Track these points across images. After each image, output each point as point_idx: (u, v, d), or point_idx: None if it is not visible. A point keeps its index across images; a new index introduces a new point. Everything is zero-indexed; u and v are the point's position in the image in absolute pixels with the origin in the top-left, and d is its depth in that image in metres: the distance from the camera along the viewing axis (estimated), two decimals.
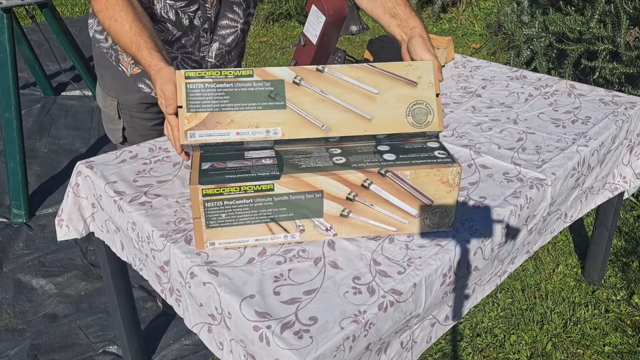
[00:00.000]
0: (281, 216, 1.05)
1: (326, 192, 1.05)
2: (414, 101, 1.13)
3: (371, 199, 1.06)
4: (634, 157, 1.67)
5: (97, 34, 1.53)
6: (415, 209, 1.09)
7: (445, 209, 1.10)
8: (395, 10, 1.34)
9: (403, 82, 1.13)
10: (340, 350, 0.90)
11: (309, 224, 1.07)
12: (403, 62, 1.23)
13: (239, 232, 1.06)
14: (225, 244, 1.07)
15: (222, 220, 1.04)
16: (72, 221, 1.39)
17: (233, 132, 1.08)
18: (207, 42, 1.52)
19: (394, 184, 1.06)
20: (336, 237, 1.09)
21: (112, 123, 1.62)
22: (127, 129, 1.61)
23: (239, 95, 1.09)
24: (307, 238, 1.09)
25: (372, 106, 1.11)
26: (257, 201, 1.04)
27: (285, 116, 1.09)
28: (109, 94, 1.57)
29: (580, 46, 2.83)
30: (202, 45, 1.51)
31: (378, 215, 1.08)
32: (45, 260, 2.28)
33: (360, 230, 1.09)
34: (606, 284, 2.09)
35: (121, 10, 1.22)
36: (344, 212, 1.07)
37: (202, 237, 1.06)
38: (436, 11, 4.86)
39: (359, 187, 1.05)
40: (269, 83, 1.10)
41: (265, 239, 1.07)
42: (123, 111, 1.58)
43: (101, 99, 1.61)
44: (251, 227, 1.06)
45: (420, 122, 1.13)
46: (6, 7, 2.40)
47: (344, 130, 1.10)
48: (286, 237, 1.08)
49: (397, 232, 1.11)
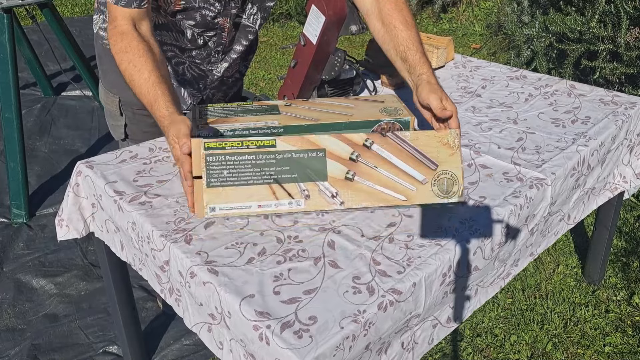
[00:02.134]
0: (284, 177, 1.04)
1: (329, 151, 1.05)
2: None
3: (375, 161, 1.07)
4: (634, 157, 1.67)
5: (102, 31, 1.52)
6: (421, 173, 1.09)
7: (451, 175, 1.10)
8: (405, 55, 1.31)
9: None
10: (340, 350, 0.90)
11: (314, 188, 1.05)
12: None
13: (241, 194, 1.02)
14: (227, 209, 1.03)
15: (224, 178, 1.02)
16: (72, 221, 1.39)
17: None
18: (217, 60, 1.52)
19: (395, 144, 1.07)
20: (343, 205, 1.06)
21: (114, 119, 1.62)
22: (129, 126, 1.60)
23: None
24: (313, 206, 1.06)
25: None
26: (259, 158, 1.03)
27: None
28: (111, 90, 1.57)
29: (580, 46, 2.83)
30: (211, 63, 1.52)
31: (383, 179, 1.08)
32: (45, 260, 2.28)
33: (367, 197, 1.07)
34: (606, 284, 2.09)
35: (141, 56, 1.20)
36: (348, 175, 1.07)
37: (203, 201, 1.04)
38: (436, 11, 4.86)
39: (361, 146, 1.07)
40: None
41: (269, 205, 1.04)
42: (125, 108, 1.57)
43: (103, 96, 1.61)
44: (254, 188, 1.03)
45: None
46: (6, 7, 2.40)
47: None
48: (291, 203, 1.05)
49: (407, 202, 1.08)
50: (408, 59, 1.30)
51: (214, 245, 1.08)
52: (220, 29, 1.44)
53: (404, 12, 1.35)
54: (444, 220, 1.15)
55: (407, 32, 1.33)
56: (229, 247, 1.08)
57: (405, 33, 1.32)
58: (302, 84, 1.44)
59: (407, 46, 1.31)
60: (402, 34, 1.32)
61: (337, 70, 1.47)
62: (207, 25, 1.42)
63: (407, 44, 1.31)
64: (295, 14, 5.01)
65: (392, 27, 1.33)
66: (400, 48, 1.32)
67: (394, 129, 1.26)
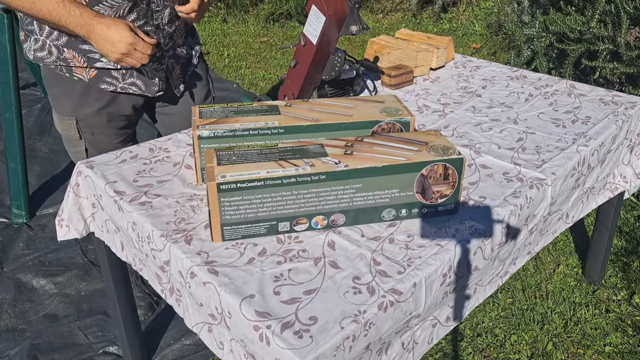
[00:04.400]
0: (288, 156, 1.08)
1: (325, 144, 1.13)
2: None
3: (368, 145, 1.13)
4: (634, 157, 1.67)
5: (38, 52, 1.48)
6: (414, 147, 1.13)
7: (443, 145, 1.14)
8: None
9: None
10: (340, 350, 0.90)
11: (317, 161, 1.08)
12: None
13: (249, 167, 1.06)
14: (237, 176, 1.04)
15: (233, 161, 1.07)
16: (73, 221, 1.39)
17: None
18: (159, 7, 1.48)
19: (383, 137, 1.17)
20: (347, 168, 1.07)
21: (75, 145, 1.59)
22: (89, 150, 1.57)
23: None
24: (319, 169, 1.07)
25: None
26: (264, 150, 1.10)
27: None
28: (65, 114, 1.53)
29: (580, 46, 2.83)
30: (155, 12, 1.47)
31: (382, 151, 1.11)
32: (45, 260, 2.28)
33: (369, 162, 1.09)
34: (607, 284, 2.09)
35: None
36: (347, 152, 1.11)
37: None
38: (436, 11, 4.86)
39: (353, 140, 1.15)
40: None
41: (277, 172, 1.05)
42: (83, 130, 1.55)
43: (59, 124, 1.57)
44: (261, 164, 1.07)
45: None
46: (7, 7, 2.40)
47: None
48: (297, 169, 1.06)
49: (407, 162, 1.10)
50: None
51: (214, 246, 1.08)
52: None
53: None
54: (444, 221, 1.15)
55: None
56: (229, 248, 1.08)
57: None
58: (302, 84, 1.44)
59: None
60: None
61: (337, 71, 1.47)
62: None
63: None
64: (295, 14, 5.01)
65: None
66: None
67: (394, 130, 1.26)
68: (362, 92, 1.70)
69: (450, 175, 1.12)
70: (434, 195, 1.13)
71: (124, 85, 1.51)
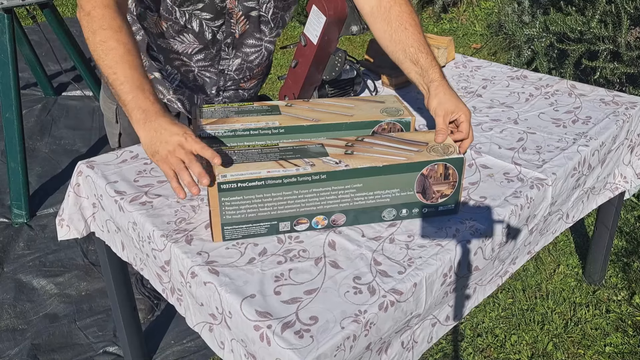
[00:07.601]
0: (289, 156, 1.08)
1: (326, 144, 1.12)
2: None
3: (369, 145, 1.13)
4: (634, 157, 1.67)
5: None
6: (414, 148, 1.12)
7: (443, 145, 1.14)
8: (417, 57, 1.31)
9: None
10: (341, 350, 0.90)
11: (318, 161, 1.08)
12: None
13: (250, 167, 1.06)
14: (238, 176, 1.03)
15: (233, 160, 1.07)
16: (73, 221, 1.39)
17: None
18: (229, 56, 1.48)
19: (383, 137, 1.17)
20: (348, 167, 1.07)
21: (111, 127, 1.62)
22: (122, 136, 1.59)
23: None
24: (320, 169, 1.07)
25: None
26: (264, 150, 1.09)
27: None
28: (110, 97, 1.56)
29: (581, 46, 2.83)
30: (222, 59, 1.47)
31: (382, 151, 1.11)
32: (46, 260, 2.28)
33: (370, 162, 1.09)
34: (607, 284, 2.09)
35: (128, 35, 1.17)
36: (348, 152, 1.10)
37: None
38: (437, 11, 4.86)
39: (353, 140, 1.14)
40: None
41: (277, 171, 1.05)
42: (121, 115, 1.56)
43: (102, 102, 1.61)
44: (262, 163, 1.07)
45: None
46: (7, 7, 2.40)
47: None
48: (298, 169, 1.06)
49: (408, 161, 1.10)
50: (419, 62, 1.31)
51: (214, 245, 1.08)
52: (229, 15, 1.39)
53: (414, 16, 1.36)
54: (445, 221, 1.15)
55: (418, 35, 1.33)
56: (229, 247, 1.08)
57: (416, 36, 1.33)
58: (302, 84, 1.44)
59: (419, 48, 1.32)
60: (414, 36, 1.33)
61: (337, 71, 1.47)
62: (215, 10, 1.36)
63: (418, 46, 1.32)
64: (295, 14, 5.01)
65: (403, 28, 1.33)
66: (411, 50, 1.32)
67: (394, 130, 1.26)
68: (363, 92, 1.70)
69: (450, 175, 1.12)
70: (435, 195, 1.13)
71: (170, 98, 1.52)
